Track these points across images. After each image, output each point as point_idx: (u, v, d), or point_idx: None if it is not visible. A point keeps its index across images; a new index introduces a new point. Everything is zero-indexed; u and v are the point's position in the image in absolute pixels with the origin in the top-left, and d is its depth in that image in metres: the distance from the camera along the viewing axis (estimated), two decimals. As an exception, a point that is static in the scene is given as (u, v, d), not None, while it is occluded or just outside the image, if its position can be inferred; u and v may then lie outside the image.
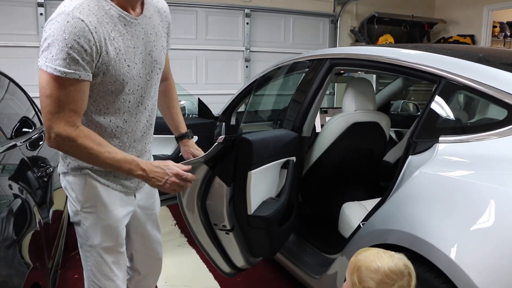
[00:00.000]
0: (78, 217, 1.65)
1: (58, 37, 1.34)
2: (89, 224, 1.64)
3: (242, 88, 3.40)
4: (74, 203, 1.65)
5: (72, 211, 1.67)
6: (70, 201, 1.67)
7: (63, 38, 1.34)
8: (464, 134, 1.71)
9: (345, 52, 2.54)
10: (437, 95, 1.83)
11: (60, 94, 1.39)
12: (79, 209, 1.63)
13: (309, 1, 6.40)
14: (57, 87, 1.38)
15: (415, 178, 1.69)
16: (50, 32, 1.36)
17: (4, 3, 4.83)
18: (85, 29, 1.36)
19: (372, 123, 2.72)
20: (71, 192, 1.65)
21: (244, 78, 6.07)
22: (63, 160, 1.65)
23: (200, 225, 2.09)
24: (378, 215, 1.84)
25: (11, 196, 1.71)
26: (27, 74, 4.90)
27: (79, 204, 1.63)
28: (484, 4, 6.58)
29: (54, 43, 1.35)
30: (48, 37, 1.36)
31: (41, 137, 2.83)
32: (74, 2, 1.40)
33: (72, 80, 1.38)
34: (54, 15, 1.38)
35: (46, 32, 1.38)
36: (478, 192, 1.49)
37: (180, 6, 5.56)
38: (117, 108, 1.56)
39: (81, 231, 1.67)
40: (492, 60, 1.91)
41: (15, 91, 2.98)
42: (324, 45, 6.63)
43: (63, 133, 1.42)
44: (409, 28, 6.96)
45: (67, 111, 1.41)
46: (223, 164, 1.95)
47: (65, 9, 1.37)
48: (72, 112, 1.42)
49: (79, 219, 1.65)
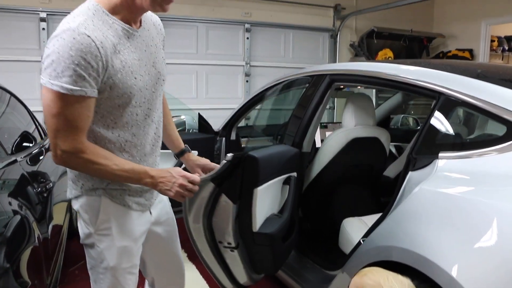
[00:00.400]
0: (91, 239, 1.60)
1: (64, 54, 1.32)
2: (104, 246, 1.60)
3: (242, 103, 3.41)
4: (87, 225, 1.60)
5: (84, 233, 1.62)
6: (82, 223, 1.62)
7: (70, 55, 1.32)
8: (463, 150, 1.71)
9: (345, 68, 2.55)
10: (436, 111, 1.83)
11: (66, 112, 1.37)
12: (93, 231, 1.59)
13: (309, 16, 6.45)
14: (63, 105, 1.36)
15: (415, 195, 1.69)
16: (54, 49, 1.33)
17: (7, 17, 4.87)
18: (92, 44, 1.35)
19: (372, 138, 2.72)
20: (84, 214, 1.60)
21: (244, 93, 6.09)
22: (75, 183, 1.60)
23: (204, 242, 2.06)
24: (379, 231, 1.83)
25: (11, 212, 1.71)
26: (29, 88, 4.93)
27: (92, 226, 1.59)
28: (481, 18, 6.63)
29: (60, 60, 1.32)
30: (51, 54, 1.33)
31: (42, 152, 2.83)
32: (78, 19, 1.38)
33: (78, 97, 1.36)
34: (58, 32, 1.35)
35: (50, 48, 1.35)
36: (478, 209, 1.49)
37: (181, 21, 5.60)
38: (125, 122, 1.55)
39: (94, 253, 1.62)
40: (491, 76, 1.92)
41: (16, 105, 2.99)
42: (324, 60, 6.67)
43: (69, 150, 1.40)
44: (408, 43, 7.01)
45: (73, 128, 1.40)
46: (230, 182, 1.93)
47: (70, 26, 1.35)
48: (78, 129, 1.41)
49: (93, 241, 1.60)
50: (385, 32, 6.67)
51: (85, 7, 1.45)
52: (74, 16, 1.41)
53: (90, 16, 1.41)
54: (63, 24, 1.38)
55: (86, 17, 1.40)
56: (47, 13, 4.99)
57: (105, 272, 1.62)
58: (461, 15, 6.91)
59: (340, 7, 6.62)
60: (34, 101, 4.87)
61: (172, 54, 5.52)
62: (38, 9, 4.96)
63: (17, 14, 4.91)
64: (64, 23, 1.38)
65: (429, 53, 7.26)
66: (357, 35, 6.84)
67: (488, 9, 6.47)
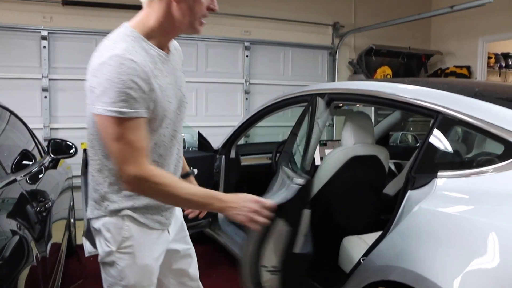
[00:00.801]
0: (112, 257, 1.61)
1: (115, 79, 1.35)
2: (125, 264, 1.60)
3: (242, 121, 3.42)
4: (108, 243, 1.60)
5: (104, 251, 1.62)
6: (102, 242, 1.62)
7: (121, 80, 1.35)
8: (462, 169, 1.72)
9: (343, 87, 2.57)
10: (434, 130, 1.84)
11: (126, 136, 1.39)
12: (114, 249, 1.59)
13: (307, 34, 6.51)
14: (122, 130, 1.39)
15: (414, 214, 1.69)
16: (105, 76, 1.35)
17: (8, 35, 4.91)
18: (138, 68, 1.38)
19: (371, 156, 2.73)
20: (106, 232, 1.60)
21: (244, 110, 6.11)
22: (99, 204, 1.61)
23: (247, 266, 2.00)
24: (378, 250, 1.83)
25: (9, 232, 1.71)
26: (29, 106, 4.97)
27: (115, 244, 1.59)
28: (478, 36, 6.69)
29: (112, 86, 1.35)
30: (103, 81, 1.36)
31: (41, 170, 2.84)
32: (120, 45, 1.41)
33: (135, 119, 1.39)
34: (105, 59, 1.37)
35: (99, 77, 1.37)
36: (478, 228, 1.49)
37: (181, 39, 5.60)
38: (154, 143, 1.57)
39: (114, 272, 1.62)
40: (488, 95, 1.94)
41: (16, 123, 3.00)
42: (323, 77, 6.71)
43: (138, 175, 1.42)
44: (407, 60, 7.06)
45: (137, 150, 1.42)
46: (288, 207, 1.87)
47: (115, 52, 1.37)
48: (142, 151, 1.43)
49: (113, 260, 1.61)
50: (384, 49, 6.72)
51: (122, 33, 1.48)
52: (114, 42, 1.43)
53: (130, 42, 1.44)
54: (106, 51, 1.39)
55: (127, 43, 1.43)
56: (49, 31, 5.03)
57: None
58: (458, 32, 6.98)
59: (339, 25, 6.68)
60: (34, 118, 4.92)
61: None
62: (40, 27, 5.00)
63: (19, 32, 4.95)
64: (107, 50, 1.40)
65: (427, 70, 7.31)
66: (355, 53, 6.90)
67: (485, 27, 6.53)
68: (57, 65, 5.13)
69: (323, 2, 6.60)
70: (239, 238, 3.24)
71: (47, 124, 5.11)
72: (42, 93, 5.07)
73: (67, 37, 5.16)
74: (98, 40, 1.54)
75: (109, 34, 1.49)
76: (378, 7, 6.85)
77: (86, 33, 5.16)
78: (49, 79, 5.08)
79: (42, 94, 5.07)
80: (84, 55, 5.16)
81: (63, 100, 5.16)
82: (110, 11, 5.25)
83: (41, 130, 5.02)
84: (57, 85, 5.14)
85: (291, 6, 6.31)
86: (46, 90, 5.06)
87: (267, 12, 6.11)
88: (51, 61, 5.09)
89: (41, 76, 5.04)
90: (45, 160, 3.15)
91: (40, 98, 5.08)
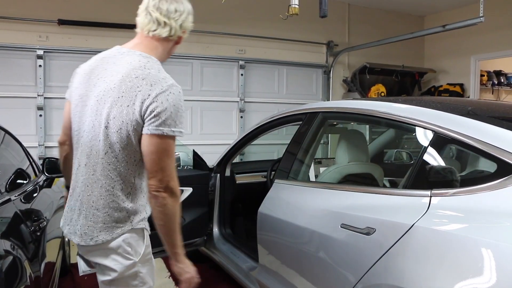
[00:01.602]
0: (135, 268, 1.70)
1: (179, 105, 1.60)
2: (146, 271, 1.74)
3: (236, 140, 3.43)
4: (130, 256, 1.69)
5: (125, 266, 1.68)
6: (120, 258, 1.68)
7: (181, 105, 1.61)
8: (456, 188, 1.73)
9: (337, 106, 2.59)
10: (428, 148, 1.86)
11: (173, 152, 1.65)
12: (137, 260, 1.70)
13: (302, 52, 6.57)
14: (174, 146, 1.64)
15: (409, 232, 1.69)
16: (170, 103, 1.57)
17: (4, 55, 4.94)
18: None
19: (366, 174, 2.74)
20: (127, 247, 1.68)
21: (239, 128, 6.13)
22: (123, 222, 1.68)
23: None
24: (374, 269, 1.83)
25: (3, 252, 1.70)
26: (24, 124, 4.97)
27: (137, 255, 1.70)
28: (470, 54, 6.79)
29: (177, 111, 1.59)
30: (168, 107, 1.57)
31: (36, 189, 2.83)
32: (168, 75, 1.65)
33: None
34: (165, 87, 1.59)
35: (164, 103, 1.56)
36: (472, 247, 1.49)
37: (176, 58, 5.69)
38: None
39: (137, 281, 1.72)
40: (480, 113, 1.96)
41: (10, 142, 3.00)
42: (318, 95, 6.75)
43: (175, 190, 1.64)
44: (400, 78, 7.13)
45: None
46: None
47: (171, 82, 1.62)
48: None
49: (136, 270, 1.70)
50: (378, 67, 6.80)
51: (158, 65, 1.69)
52: (162, 72, 1.65)
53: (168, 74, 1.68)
54: (165, 81, 1.61)
55: (168, 74, 1.66)
56: (44, 50, 5.07)
57: None
58: (451, 50, 7.07)
59: (333, 44, 6.76)
60: (29, 136, 4.92)
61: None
62: (36, 46, 5.04)
63: (15, 51, 4.98)
64: (165, 79, 1.62)
65: (421, 87, 7.38)
66: (350, 71, 6.96)
67: (477, 45, 6.64)
68: (52, 83, 5.15)
69: (317, 21, 6.65)
70: (234, 256, 3.23)
71: (41, 142, 5.11)
72: (37, 112, 5.09)
73: (62, 56, 5.19)
74: (93, 59, 1.58)
75: (138, 61, 1.65)
76: (372, 26, 6.95)
77: (81, 52, 5.20)
78: (44, 97, 5.10)
79: (37, 112, 5.09)
80: (79, 74, 5.23)
81: (58, 119, 5.17)
82: (106, 30, 5.30)
83: (35, 148, 5.01)
84: (52, 103, 5.15)
85: (286, 25, 6.35)
86: (41, 108, 5.08)
87: (262, 31, 6.19)
88: (47, 80, 5.11)
89: (36, 95, 5.06)
90: (39, 179, 3.13)
91: (35, 117, 5.09)
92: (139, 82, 1.58)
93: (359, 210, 1.98)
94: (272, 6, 5.53)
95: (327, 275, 2.11)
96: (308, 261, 2.24)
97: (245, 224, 3.77)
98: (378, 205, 1.92)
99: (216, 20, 5.82)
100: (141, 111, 1.56)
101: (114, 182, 1.66)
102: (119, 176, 1.66)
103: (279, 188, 2.62)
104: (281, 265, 2.52)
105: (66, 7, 5.17)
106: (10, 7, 4.92)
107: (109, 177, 1.65)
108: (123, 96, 1.59)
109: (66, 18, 5.12)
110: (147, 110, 1.55)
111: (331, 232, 2.06)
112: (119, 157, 1.64)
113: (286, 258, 2.48)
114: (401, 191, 1.93)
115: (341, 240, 1.99)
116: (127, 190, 1.68)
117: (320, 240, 2.15)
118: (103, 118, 1.61)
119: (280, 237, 2.50)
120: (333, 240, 2.04)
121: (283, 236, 2.46)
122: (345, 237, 1.97)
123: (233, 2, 4.42)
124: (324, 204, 2.24)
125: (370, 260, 1.84)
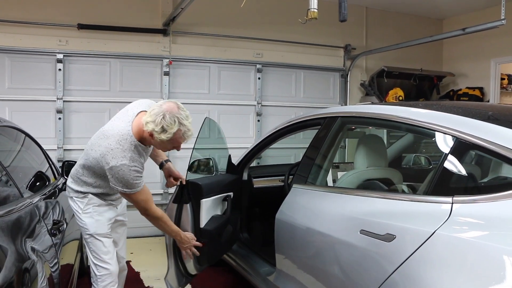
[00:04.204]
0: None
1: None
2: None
3: (254, 144, 3.42)
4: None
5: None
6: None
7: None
8: (478, 194, 1.70)
9: (356, 111, 2.57)
10: (449, 154, 1.83)
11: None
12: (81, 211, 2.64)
13: (319, 56, 6.54)
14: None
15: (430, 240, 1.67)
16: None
17: (25, 59, 5.01)
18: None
19: (384, 179, 2.71)
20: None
21: (256, 132, 6.12)
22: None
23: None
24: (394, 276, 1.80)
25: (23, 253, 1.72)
26: (43, 127, 5.03)
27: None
28: (491, 57, 6.68)
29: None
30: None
31: (55, 192, 2.86)
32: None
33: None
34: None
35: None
36: (494, 255, 1.47)
37: (194, 61, 5.72)
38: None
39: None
40: (502, 118, 1.92)
41: (30, 145, 3.04)
42: (335, 99, 6.71)
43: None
44: (419, 81, 7.05)
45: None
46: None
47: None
48: None
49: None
50: (395, 71, 6.73)
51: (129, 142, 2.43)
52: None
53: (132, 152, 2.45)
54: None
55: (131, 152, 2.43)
56: (64, 54, 5.13)
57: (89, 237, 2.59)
58: (470, 54, 6.97)
59: (350, 47, 6.71)
60: (49, 139, 4.99)
61: (184, 94, 5.61)
62: (56, 50, 5.11)
63: (35, 55, 5.05)
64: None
65: (440, 91, 7.28)
66: (367, 75, 6.91)
67: (497, 48, 6.52)
68: (71, 87, 5.21)
69: (334, 25, 6.61)
70: (251, 261, 3.22)
71: (60, 145, 5.17)
72: (56, 115, 5.15)
73: (81, 60, 5.25)
74: (112, 63, 1.60)
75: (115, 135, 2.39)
76: (390, 29, 6.89)
77: (100, 56, 5.25)
78: (64, 101, 5.16)
79: (56, 115, 5.15)
80: (98, 77, 5.29)
81: (77, 122, 5.23)
82: (124, 34, 5.34)
83: (54, 151, 5.07)
84: (71, 107, 5.21)
85: (303, 29, 6.32)
86: (60, 111, 5.14)
87: (279, 35, 6.17)
88: (66, 84, 5.17)
89: (56, 98, 5.12)
90: (58, 182, 3.17)
91: (54, 120, 5.15)
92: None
93: (379, 216, 1.96)
94: (289, 10, 5.52)
95: (345, 281, 2.09)
96: (326, 267, 2.23)
97: (262, 229, 3.76)
98: (398, 211, 1.90)
99: (234, 24, 5.84)
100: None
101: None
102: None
103: (297, 193, 2.61)
104: (299, 271, 2.51)
105: (86, 12, 5.23)
106: (32, 13, 5.00)
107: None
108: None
109: (85, 22, 5.18)
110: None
111: (350, 238, 2.04)
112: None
113: (304, 263, 2.46)
114: (422, 197, 1.91)
115: (360, 246, 1.97)
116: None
117: (339, 246, 2.13)
118: None
119: (298, 242, 2.48)
120: (352, 246, 2.02)
121: (301, 241, 2.45)
122: (365, 244, 1.95)
123: (251, 6, 4.42)
124: (343, 209, 2.23)
125: (390, 267, 1.82)
